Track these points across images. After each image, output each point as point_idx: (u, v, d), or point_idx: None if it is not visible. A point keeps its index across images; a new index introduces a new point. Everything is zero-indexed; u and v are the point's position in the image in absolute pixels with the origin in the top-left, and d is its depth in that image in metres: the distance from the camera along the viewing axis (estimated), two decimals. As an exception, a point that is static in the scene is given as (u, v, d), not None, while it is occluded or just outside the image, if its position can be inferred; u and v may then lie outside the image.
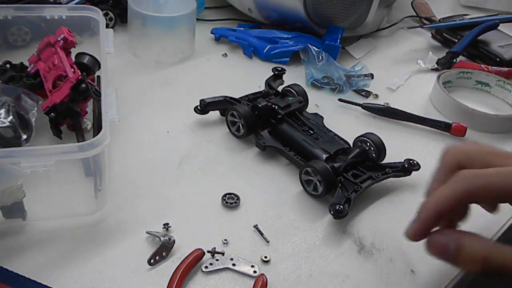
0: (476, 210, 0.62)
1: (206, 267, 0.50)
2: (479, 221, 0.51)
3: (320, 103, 0.77)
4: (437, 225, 0.46)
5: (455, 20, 1.00)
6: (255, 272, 0.51)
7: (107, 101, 0.55)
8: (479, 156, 0.45)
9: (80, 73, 0.60)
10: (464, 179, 0.43)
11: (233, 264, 0.51)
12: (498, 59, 0.89)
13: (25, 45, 0.75)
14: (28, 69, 0.67)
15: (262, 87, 0.76)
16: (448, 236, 0.43)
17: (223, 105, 0.70)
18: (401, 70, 0.89)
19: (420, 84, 0.86)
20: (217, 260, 0.51)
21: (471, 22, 0.98)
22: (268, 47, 0.87)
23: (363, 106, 0.76)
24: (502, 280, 0.41)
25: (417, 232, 0.45)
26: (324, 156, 0.61)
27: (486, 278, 0.42)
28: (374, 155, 0.63)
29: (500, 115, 0.76)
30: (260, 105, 0.66)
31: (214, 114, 0.71)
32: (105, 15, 0.83)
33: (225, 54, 0.87)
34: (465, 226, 0.57)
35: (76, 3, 0.81)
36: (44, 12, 0.68)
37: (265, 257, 0.52)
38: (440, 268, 0.53)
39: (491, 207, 0.49)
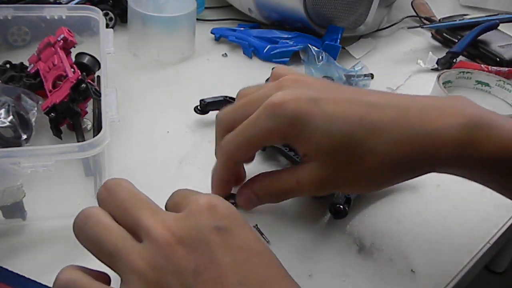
0: (474, 211, 0.62)
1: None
2: (477, 222, 0.52)
3: (320, 103, 0.77)
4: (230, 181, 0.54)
5: (455, 20, 1.00)
6: None
7: (107, 101, 0.55)
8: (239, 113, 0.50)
9: (80, 73, 0.60)
10: (221, 148, 0.50)
11: None
12: (498, 59, 0.89)
13: (25, 45, 0.75)
14: (28, 69, 0.67)
15: (262, 87, 0.76)
16: (246, 192, 0.52)
17: (223, 105, 0.70)
18: (401, 70, 0.89)
19: (420, 84, 0.86)
20: None
21: (471, 22, 0.98)
22: (268, 47, 0.87)
23: (363, 106, 0.76)
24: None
25: (219, 193, 0.53)
26: (324, 156, 0.61)
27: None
28: (374, 155, 0.63)
29: (500, 115, 0.76)
30: (260, 105, 0.66)
31: (214, 114, 0.71)
32: (105, 15, 0.83)
33: (225, 54, 0.87)
34: (465, 228, 0.58)
35: (76, 3, 0.81)
36: (44, 12, 0.68)
37: None
38: (440, 268, 0.53)
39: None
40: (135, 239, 0.36)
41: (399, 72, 0.88)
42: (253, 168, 0.64)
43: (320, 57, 0.82)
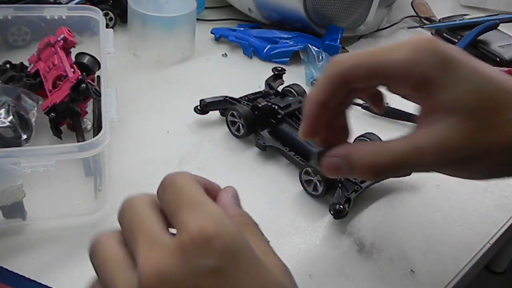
0: (474, 211, 0.62)
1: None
2: (477, 222, 0.51)
3: (320, 103, 0.77)
4: (324, 120, 0.45)
5: (455, 20, 1.00)
6: None
7: (107, 101, 0.55)
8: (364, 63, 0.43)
9: (80, 73, 0.60)
10: (335, 62, 0.42)
11: None
12: (498, 59, 0.89)
13: (25, 45, 0.75)
14: (28, 69, 0.67)
15: (262, 87, 0.76)
16: (337, 156, 0.43)
17: (223, 105, 0.70)
18: (401, 70, 0.89)
19: (420, 84, 0.86)
20: None
21: (471, 22, 0.98)
22: (268, 47, 0.87)
23: (363, 106, 0.76)
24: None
25: (307, 130, 0.44)
26: (324, 156, 0.61)
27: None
28: (374, 155, 0.63)
29: (500, 115, 0.76)
30: (260, 105, 0.66)
31: (214, 114, 0.71)
32: (105, 15, 0.83)
33: (225, 54, 0.87)
34: (465, 228, 0.57)
35: (76, 3, 0.81)
36: (44, 12, 0.68)
37: None
38: (440, 268, 0.53)
39: (373, 101, 0.49)
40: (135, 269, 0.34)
41: (399, 72, 0.88)
42: (253, 168, 0.64)
43: (320, 57, 0.82)
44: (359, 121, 0.75)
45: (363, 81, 0.42)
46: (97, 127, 0.64)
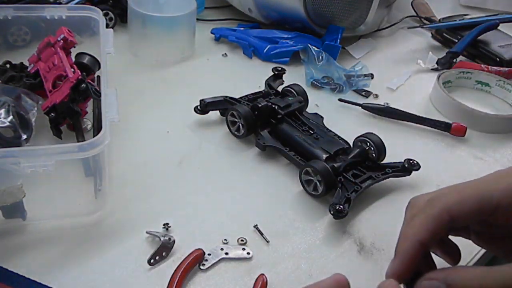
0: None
1: (203, 264, 0.51)
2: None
3: (320, 103, 0.77)
4: (419, 264, 0.42)
5: (455, 20, 1.00)
6: (248, 253, 0.52)
7: (107, 101, 0.55)
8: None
9: (80, 73, 0.60)
10: (438, 198, 0.42)
11: (226, 253, 0.52)
12: (498, 59, 0.89)
13: (25, 45, 0.75)
14: (28, 69, 0.67)
15: (262, 87, 0.76)
16: (435, 279, 0.39)
17: (223, 105, 0.70)
18: (401, 70, 0.89)
19: (420, 84, 0.86)
20: (209, 254, 0.52)
21: (471, 22, 0.98)
22: (268, 47, 0.87)
23: (363, 106, 0.76)
24: None
25: (401, 269, 0.41)
26: (324, 156, 0.61)
27: None
28: (374, 155, 0.63)
29: (500, 115, 0.76)
30: (260, 105, 0.66)
31: (214, 114, 0.71)
32: (105, 15, 0.83)
33: (225, 54, 0.87)
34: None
35: (76, 3, 0.81)
36: (44, 12, 0.68)
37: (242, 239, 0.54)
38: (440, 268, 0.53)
39: (467, 233, 0.46)
40: None
41: (399, 72, 0.88)
42: (253, 168, 0.64)
43: (320, 57, 0.82)
44: (359, 121, 0.75)
45: (470, 216, 0.41)
46: (97, 127, 0.64)
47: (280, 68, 0.77)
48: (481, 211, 0.41)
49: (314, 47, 0.82)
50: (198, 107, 0.70)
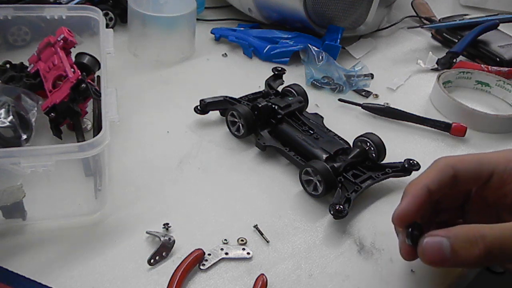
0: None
1: (203, 264, 0.51)
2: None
3: (320, 103, 0.77)
4: (424, 211, 0.46)
5: (455, 20, 1.00)
6: (248, 253, 0.52)
7: (107, 101, 0.55)
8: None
9: (80, 73, 0.60)
10: (443, 158, 0.47)
11: (226, 253, 0.52)
12: (498, 59, 0.89)
13: (25, 45, 0.75)
14: (28, 69, 0.67)
15: (262, 87, 0.76)
16: (436, 235, 0.42)
17: (223, 105, 0.70)
18: (401, 70, 0.89)
19: (420, 84, 0.86)
20: (209, 254, 0.52)
21: (471, 22, 0.98)
22: (268, 47, 0.87)
23: (363, 106, 0.76)
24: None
25: (405, 209, 0.44)
26: (324, 156, 0.61)
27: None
28: (374, 155, 0.63)
29: (500, 115, 0.76)
30: (260, 105, 0.66)
31: (214, 114, 0.71)
32: (105, 15, 0.83)
33: (225, 54, 0.87)
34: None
35: (76, 3, 0.81)
36: (44, 12, 0.68)
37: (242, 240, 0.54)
38: (440, 268, 0.53)
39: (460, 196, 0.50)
40: None
41: (399, 72, 0.88)
42: (253, 168, 0.64)
43: (320, 57, 0.82)
44: (359, 121, 0.75)
45: (470, 175, 0.46)
46: (97, 127, 0.64)
47: (280, 68, 0.77)
48: (480, 172, 0.46)
49: (314, 47, 0.82)
50: (198, 107, 0.70)
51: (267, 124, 0.67)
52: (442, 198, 0.48)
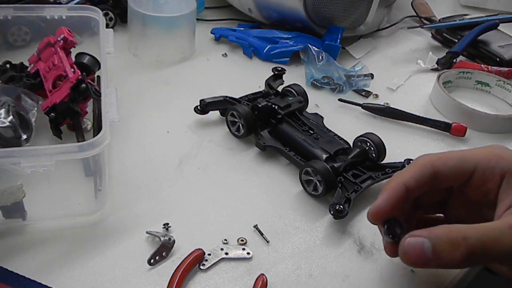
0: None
1: (203, 264, 0.51)
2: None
3: (320, 103, 0.77)
4: (400, 208, 0.46)
5: (455, 20, 1.00)
6: (248, 253, 0.52)
7: (107, 101, 0.55)
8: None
9: (80, 73, 0.60)
10: (424, 155, 0.47)
11: (226, 253, 0.52)
12: (498, 59, 0.89)
13: (25, 45, 0.75)
14: (28, 69, 0.67)
15: (262, 87, 0.76)
16: (418, 236, 0.41)
17: (223, 105, 0.70)
18: (401, 70, 0.89)
19: (420, 84, 0.86)
20: (209, 254, 0.52)
21: (471, 22, 0.98)
22: (268, 47, 0.87)
23: (363, 106, 0.76)
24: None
25: (381, 205, 0.44)
26: (324, 156, 0.61)
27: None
28: (374, 155, 0.63)
29: (500, 115, 0.76)
30: (260, 105, 0.66)
31: (214, 114, 0.71)
32: (105, 15, 0.83)
33: (225, 54, 0.87)
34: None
35: (76, 3, 0.81)
36: (44, 12, 0.68)
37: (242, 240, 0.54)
38: (440, 268, 0.53)
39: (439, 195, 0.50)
40: None
41: (399, 72, 0.88)
42: (253, 168, 0.64)
43: (320, 57, 0.82)
44: (359, 121, 0.75)
45: (451, 173, 0.45)
46: (97, 127, 0.64)
47: (280, 68, 0.77)
48: (461, 170, 0.45)
49: (314, 47, 0.82)
50: (198, 107, 0.70)
51: (267, 124, 0.67)
52: (423, 194, 0.47)
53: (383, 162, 0.64)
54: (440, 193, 0.49)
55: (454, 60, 0.90)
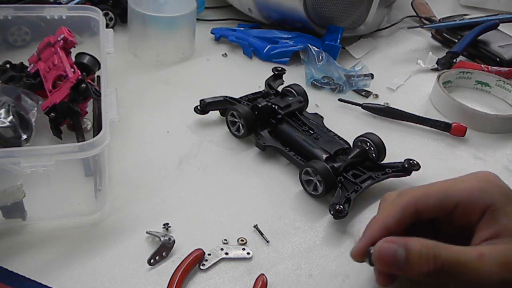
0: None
1: (203, 264, 0.51)
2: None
3: (320, 103, 0.77)
4: None
5: (455, 20, 1.00)
6: (248, 253, 0.52)
7: (107, 101, 0.55)
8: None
9: (80, 73, 0.60)
10: (404, 192, 0.47)
11: (226, 253, 0.52)
12: (498, 59, 0.89)
13: (25, 45, 0.75)
14: (28, 69, 0.67)
15: (262, 87, 0.76)
16: (395, 243, 0.42)
17: (223, 105, 0.70)
18: (401, 70, 0.89)
19: (420, 84, 0.86)
20: (209, 254, 0.52)
21: (471, 22, 0.98)
22: (268, 47, 0.87)
23: (363, 106, 0.76)
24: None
25: (362, 250, 0.45)
26: (324, 156, 0.61)
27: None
28: (374, 155, 0.63)
29: (500, 115, 0.76)
30: (260, 105, 0.66)
31: (214, 114, 0.71)
32: (105, 15, 0.83)
33: (225, 54, 0.87)
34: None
35: (76, 3, 0.81)
36: (44, 12, 0.68)
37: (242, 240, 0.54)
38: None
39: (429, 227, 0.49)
40: None
41: (399, 72, 0.88)
42: (253, 168, 0.64)
43: (320, 57, 0.82)
44: (359, 121, 0.75)
45: (433, 210, 0.46)
46: (97, 127, 0.64)
47: (280, 68, 0.77)
48: (443, 206, 0.45)
49: (314, 47, 0.82)
50: (198, 107, 0.70)
51: (267, 124, 0.67)
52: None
53: (383, 162, 0.64)
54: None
55: (454, 60, 0.90)
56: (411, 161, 0.63)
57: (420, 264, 0.41)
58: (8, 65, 0.69)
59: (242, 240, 0.54)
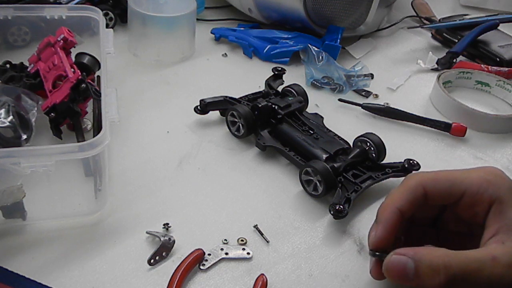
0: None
1: (203, 264, 0.51)
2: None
3: (320, 103, 0.77)
4: (399, 232, 0.46)
5: (455, 20, 1.00)
6: (248, 253, 0.52)
7: (107, 101, 0.55)
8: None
9: (80, 73, 0.60)
10: (415, 175, 0.48)
11: (226, 253, 0.52)
12: (498, 59, 0.89)
13: (25, 45, 0.75)
14: (28, 69, 0.67)
15: (262, 87, 0.76)
16: (403, 255, 0.42)
17: (223, 105, 0.70)
18: (401, 70, 0.89)
19: (420, 84, 0.86)
20: (209, 254, 0.52)
21: (471, 22, 0.98)
22: (268, 47, 0.87)
23: (363, 106, 0.76)
24: None
25: (383, 236, 0.45)
26: (324, 156, 0.61)
27: None
28: (374, 155, 0.63)
29: (500, 115, 0.76)
30: (260, 105, 0.66)
31: (214, 114, 0.71)
32: (105, 15, 0.83)
33: (225, 54, 0.87)
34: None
35: (76, 3, 0.81)
36: (44, 12, 0.68)
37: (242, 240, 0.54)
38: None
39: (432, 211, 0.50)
40: None
41: (399, 72, 0.88)
42: (253, 168, 0.64)
43: (320, 57, 0.82)
44: (359, 121, 0.75)
45: (440, 195, 0.46)
46: (97, 127, 0.64)
47: (280, 68, 0.77)
48: (451, 193, 0.46)
49: (314, 47, 0.82)
50: (198, 107, 0.70)
51: (267, 124, 0.67)
52: (416, 211, 0.48)
53: (383, 162, 0.64)
54: (433, 209, 0.50)
55: (454, 60, 0.90)
56: (411, 161, 0.63)
57: (431, 276, 0.41)
58: (8, 65, 0.69)
59: (242, 240, 0.54)
